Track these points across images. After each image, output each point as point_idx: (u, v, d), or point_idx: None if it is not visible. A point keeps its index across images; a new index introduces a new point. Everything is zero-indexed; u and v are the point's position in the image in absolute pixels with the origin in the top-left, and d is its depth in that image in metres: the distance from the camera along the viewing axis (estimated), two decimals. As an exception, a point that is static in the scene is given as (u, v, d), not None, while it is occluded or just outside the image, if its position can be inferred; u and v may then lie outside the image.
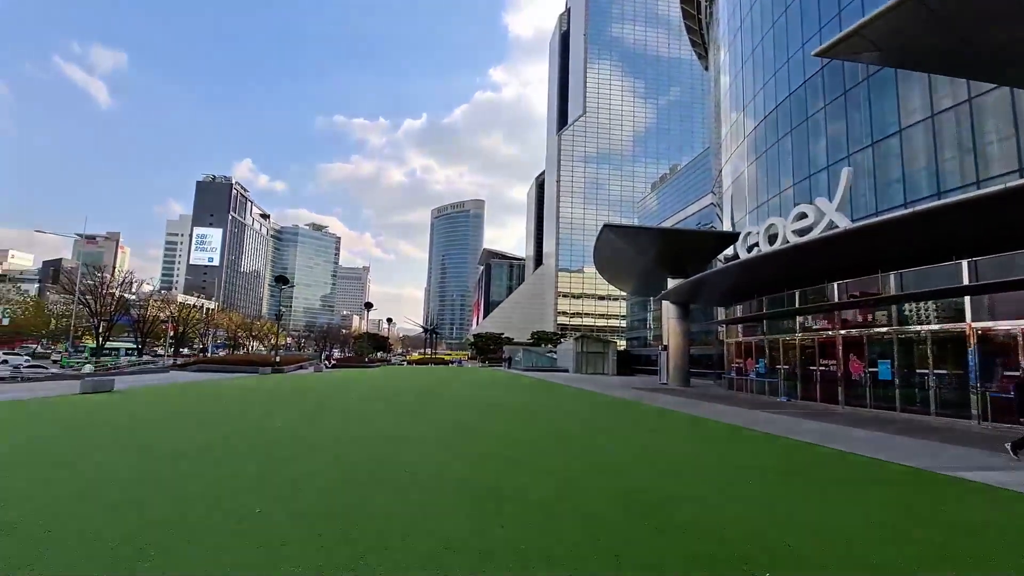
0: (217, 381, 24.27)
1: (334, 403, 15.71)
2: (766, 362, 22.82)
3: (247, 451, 7.89)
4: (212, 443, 8.59)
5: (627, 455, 8.48)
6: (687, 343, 30.26)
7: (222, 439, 8.98)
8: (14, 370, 28.25)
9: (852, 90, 20.83)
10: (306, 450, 8.12)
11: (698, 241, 28.98)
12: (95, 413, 11.86)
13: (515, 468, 7.12)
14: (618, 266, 34.89)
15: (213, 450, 7.95)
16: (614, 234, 26.23)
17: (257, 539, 4.11)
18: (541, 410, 15.93)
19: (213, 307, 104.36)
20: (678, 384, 29.54)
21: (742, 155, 29.22)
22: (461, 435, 10.07)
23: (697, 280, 24.19)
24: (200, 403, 14.60)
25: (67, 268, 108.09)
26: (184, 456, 7.35)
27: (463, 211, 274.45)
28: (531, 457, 8.02)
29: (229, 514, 4.72)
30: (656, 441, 10.31)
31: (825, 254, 17.53)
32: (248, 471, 6.46)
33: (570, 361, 52.99)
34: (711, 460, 8.31)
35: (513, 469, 7.04)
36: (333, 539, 4.14)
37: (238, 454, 7.66)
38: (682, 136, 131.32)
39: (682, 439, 10.72)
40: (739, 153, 29.81)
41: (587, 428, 12.02)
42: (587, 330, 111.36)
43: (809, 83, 23.28)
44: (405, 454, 7.95)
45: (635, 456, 8.43)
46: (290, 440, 9.01)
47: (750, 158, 27.88)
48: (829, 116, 22.11)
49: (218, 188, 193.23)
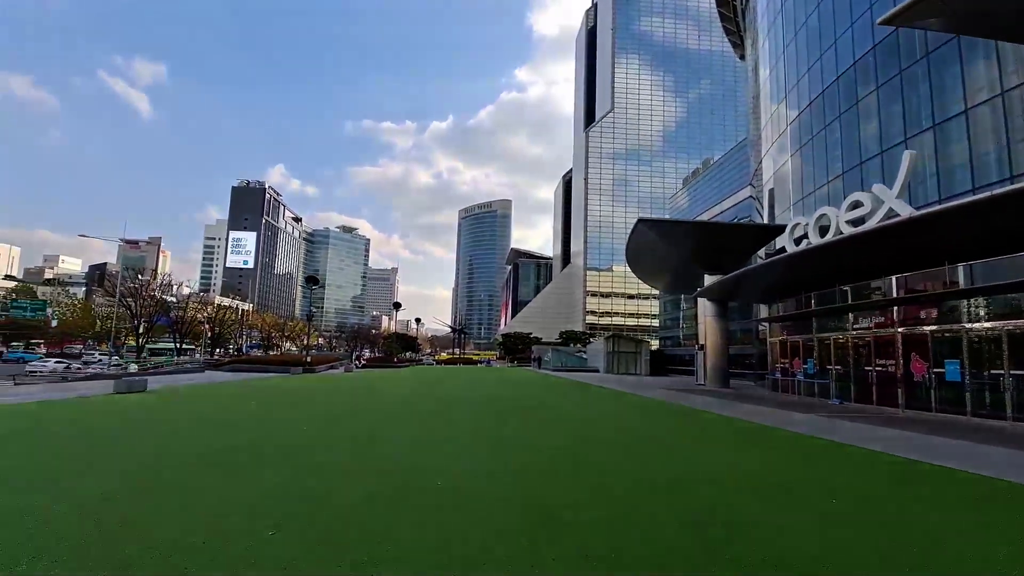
0: (249, 381, 24.34)
1: (362, 405, 15.31)
2: (815, 362, 21.44)
3: (268, 458, 7.41)
4: (235, 447, 8.17)
5: (685, 468, 7.62)
6: (726, 342, 28.92)
7: (245, 444, 8.56)
8: (65, 370, 29.25)
9: (909, 69, 19.30)
10: (329, 457, 7.60)
11: (738, 235, 27.60)
12: (121, 414, 11.69)
13: (562, 482, 6.39)
14: (651, 263, 33.73)
15: (234, 455, 7.50)
16: (649, 228, 25.19)
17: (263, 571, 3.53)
18: (580, 414, 15.16)
19: (247, 308, 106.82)
20: (716, 385, 28.24)
21: (784, 145, 27.74)
22: (497, 442, 9.40)
23: (738, 276, 22.94)
24: (228, 404, 14.40)
25: (111, 272, 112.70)
26: (199, 463, 6.90)
27: (490, 211, 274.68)
28: (578, 470, 7.24)
29: (236, 538, 4.16)
30: (715, 452, 9.36)
31: (884, 245, 16.20)
32: (266, 482, 5.94)
33: (600, 361, 51.88)
34: (787, 475, 7.33)
35: (560, 484, 6.31)
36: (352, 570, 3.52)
37: (258, 462, 7.18)
38: (713, 131, 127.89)
39: (742, 448, 9.78)
40: (781, 143, 28.32)
41: (633, 436, 11.16)
42: (617, 329, 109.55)
43: (859, 64, 21.78)
44: (436, 463, 7.32)
45: (694, 470, 7.55)
46: (314, 445, 8.53)
47: (793, 147, 26.41)
48: (882, 99, 20.60)
49: (252, 193, 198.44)
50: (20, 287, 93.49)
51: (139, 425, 10.39)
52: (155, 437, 9.08)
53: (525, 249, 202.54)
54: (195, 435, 9.45)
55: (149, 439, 8.85)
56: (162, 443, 8.47)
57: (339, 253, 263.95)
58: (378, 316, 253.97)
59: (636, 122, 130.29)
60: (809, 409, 17.08)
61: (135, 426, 10.25)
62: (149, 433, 9.52)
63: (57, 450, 7.77)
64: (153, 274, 63.01)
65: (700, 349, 31.60)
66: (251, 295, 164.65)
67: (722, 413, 15.53)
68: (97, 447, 8.11)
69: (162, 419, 11.37)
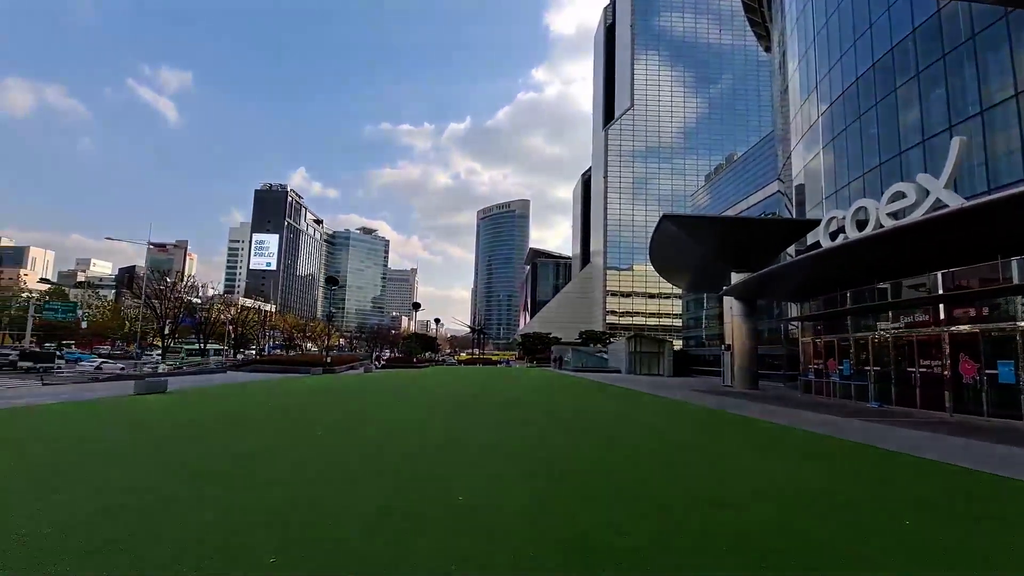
0: (268, 382, 24.27)
1: (381, 407, 14.93)
2: (852, 363, 20.39)
3: (276, 467, 7.00)
4: (247, 454, 7.80)
5: (734, 482, 6.94)
6: (754, 342, 27.90)
7: (256, 450, 8.18)
8: (95, 369, 29.73)
9: (954, 52, 18.18)
10: (342, 465, 7.16)
11: (768, 230, 26.52)
12: (133, 416, 11.49)
13: (598, 500, 5.80)
14: (675, 260, 32.81)
15: (242, 465, 7.11)
16: (674, 225, 24.36)
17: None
18: (609, 419, 14.54)
19: (270, 309, 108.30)
20: (745, 387, 27.25)
21: (815, 137, 26.62)
22: (524, 451, 8.83)
23: (769, 273, 22.00)
24: (245, 407, 14.16)
25: (140, 275, 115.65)
26: (204, 475, 6.50)
27: (508, 211, 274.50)
28: (615, 485, 6.56)
29: (230, 565, 3.70)
30: (763, 462, 8.62)
31: (931, 239, 15.20)
32: (270, 500, 5.49)
33: (622, 361, 50.96)
34: (855, 492, 6.60)
35: (596, 501, 5.72)
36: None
37: (266, 471, 6.78)
38: (736, 127, 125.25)
39: (789, 457, 9.05)
40: (812, 135, 27.19)
41: (670, 444, 10.44)
42: (637, 329, 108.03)
43: (898, 49, 20.66)
44: (458, 474, 6.82)
45: (743, 483, 6.87)
46: (327, 452, 8.11)
47: (825, 139, 25.29)
48: (923, 85, 19.47)
49: (275, 196, 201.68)
50: (53, 289, 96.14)
51: (147, 429, 10.13)
52: (158, 443, 8.78)
53: (544, 249, 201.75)
54: (201, 440, 9.13)
55: (149, 446, 8.55)
56: (163, 451, 8.15)
57: (359, 254, 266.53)
58: (398, 316, 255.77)
59: (656, 119, 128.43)
60: (850, 414, 16.15)
61: (140, 431, 9.99)
62: (150, 440, 9.23)
63: (44, 460, 7.49)
64: (178, 276, 64.04)
65: (727, 349, 30.59)
66: (274, 296, 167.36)
67: (763, 418, 14.72)
68: (89, 456, 7.82)
69: (171, 423, 11.12)
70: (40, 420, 10.90)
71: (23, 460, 7.13)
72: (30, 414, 11.66)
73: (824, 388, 22.08)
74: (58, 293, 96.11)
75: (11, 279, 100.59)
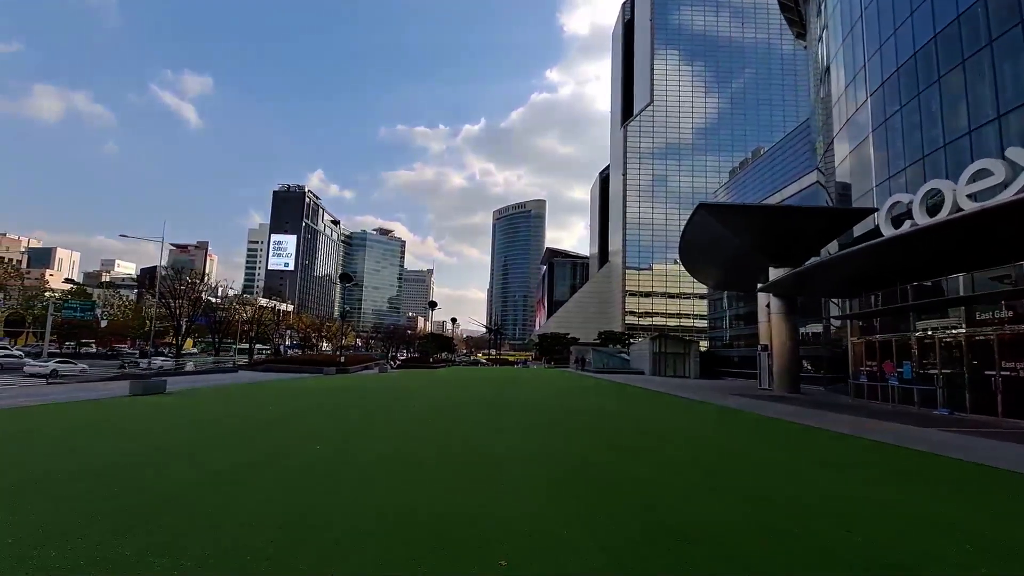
0: (277, 382, 23.08)
1: (394, 413, 13.50)
2: (913, 366, 18.36)
3: (264, 489, 5.53)
4: (223, 471, 6.35)
5: (812, 504, 5.30)
6: (795, 342, 25.86)
7: (242, 466, 6.73)
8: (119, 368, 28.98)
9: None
10: (341, 492, 5.65)
11: (814, 220, 24.27)
12: (115, 420, 10.18)
13: (663, 542, 4.21)
14: (706, 255, 30.87)
15: (220, 485, 5.65)
16: (710, 214, 22.48)
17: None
18: (650, 428, 12.89)
19: (284, 308, 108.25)
20: (785, 390, 25.25)
21: (863, 119, 24.51)
22: (564, 473, 7.25)
23: (819, 265, 20.03)
24: (244, 411, 12.81)
25: (160, 274, 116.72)
26: (175, 499, 5.05)
27: (524, 211, 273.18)
28: (676, 517, 5.04)
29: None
30: (847, 485, 6.96)
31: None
32: (254, 529, 3.99)
33: (645, 362, 49.01)
34: (946, 516, 4.97)
35: (662, 546, 4.13)
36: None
37: (253, 490, 5.29)
38: (759, 123, 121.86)
39: (861, 472, 7.34)
40: (860, 118, 25.09)
41: (734, 459, 8.82)
42: (657, 330, 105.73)
43: (965, 17, 18.59)
44: (482, 508, 5.25)
45: (820, 506, 5.23)
46: (326, 473, 6.62)
47: (877, 121, 23.19)
48: (998, 54, 17.40)
49: (293, 197, 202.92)
50: (76, 289, 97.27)
51: (129, 434, 8.77)
52: (138, 451, 7.39)
53: (560, 248, 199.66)
54: (182, 451, 7.72)
55: (130, 453, 7.16)
56: (144, 459, 6.74)
57: (375, 255, 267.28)
58: (414, 317, 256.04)
59: (676, 115, 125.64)
60: (920, 421, 14.21)
61: (123, 436, 8.64)
62: (134, 446, 7.85)
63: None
64: (192, 274, 63.66)
65: (764, 350, 28.58)
66: (292, 296, 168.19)
67: (825, 427, 12.90)
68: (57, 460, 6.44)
69: (155, 429, 9.77)
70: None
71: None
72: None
73: (879, 393, 20.03)
74: (80, 293, 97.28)
75: (36, 279, 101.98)
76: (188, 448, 7.87)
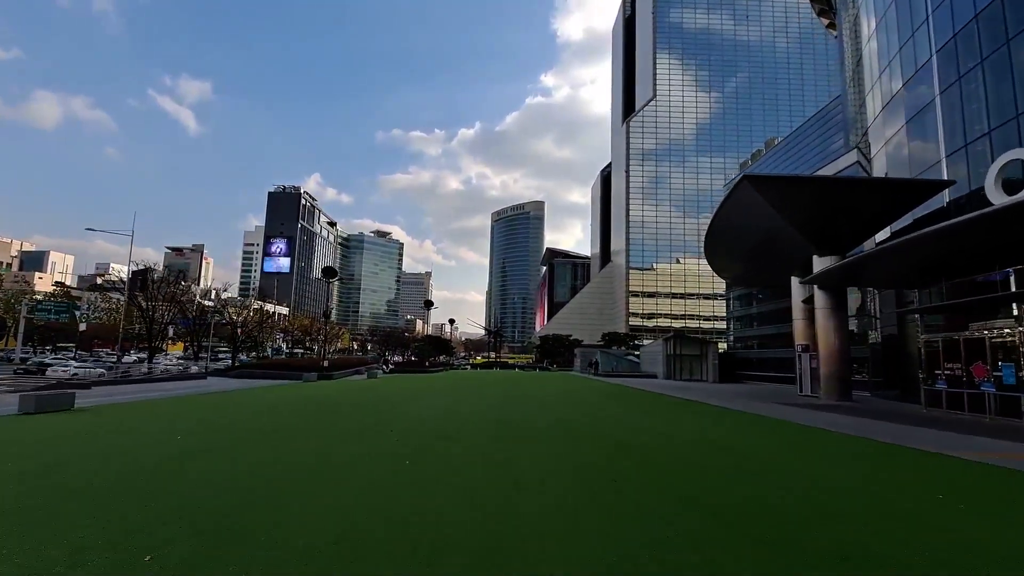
0: (234, 394, 19.54)
1: (370, 437, 9.98)
2: (1018, 371, 14.86)
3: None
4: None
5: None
6: (846, 342, 22.32)
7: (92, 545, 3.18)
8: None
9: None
10: None
11: (880, 194, 20.26)
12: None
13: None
14: (737, 241, 27.35)
15: None
16: (756, 188, 18.86)
17: None
18: (697, 453, 9.37)
19: (271, 310, 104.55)
20: (835, 397, 21.73)
21: (927, 82, 21.08)
22: (623, 532, 3.74)
23: (892, 248, 16.51)
24: (132, 445, 9.10)
25: (155, 277, 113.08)
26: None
27: (523, 213, 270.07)
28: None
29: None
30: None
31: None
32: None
33: (658, 365, 45.48)
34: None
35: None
36: None
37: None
38: (766, 116, 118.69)
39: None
40: (917, 84, 21.68)
41: (805, 488, 5.36)
42: (662, 331, 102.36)
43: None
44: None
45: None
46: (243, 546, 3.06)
47: (946, 80, 19.73)
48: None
49: (288, 198, 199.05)
50: (59, 291, 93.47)
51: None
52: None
53: (561, 249, 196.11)
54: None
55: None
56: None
57: (374, 257, 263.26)
58: (412, 320, 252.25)
59: (680, 109, 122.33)
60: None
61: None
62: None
63: None
64: (171, 276, 59.96)
65: (804, 351, 25.09)
66: (285, 298, 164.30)
67: (950, 455, 9.35)
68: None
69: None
70: None
71: None
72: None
73: (965, 401, 16.50)
74: (65, 295, 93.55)
75: (15, 281, 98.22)
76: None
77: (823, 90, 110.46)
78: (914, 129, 22.18)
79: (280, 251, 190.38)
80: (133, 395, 17.55)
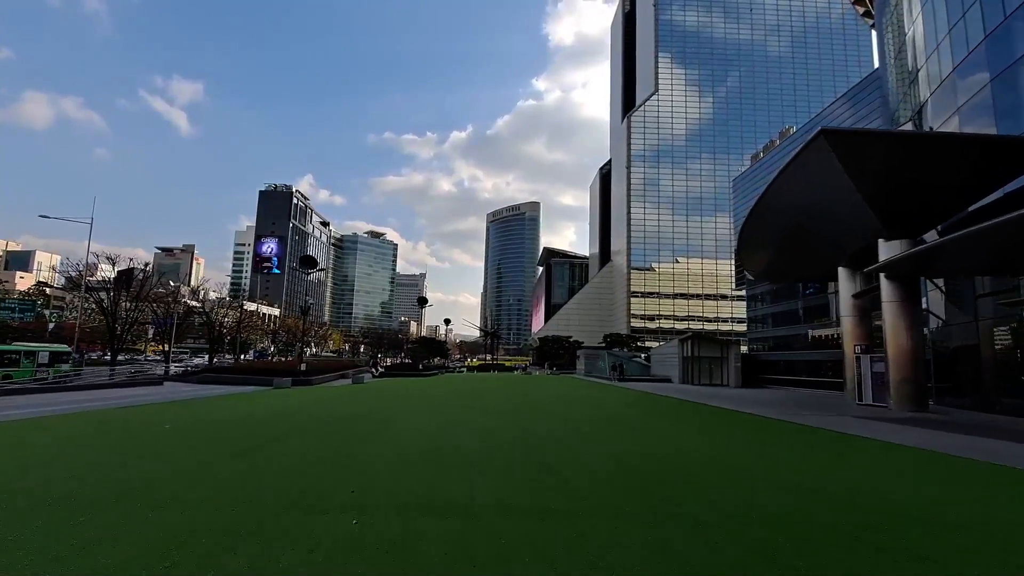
0: (174, 406, 15.63)
1: (306, 503, 6.15)
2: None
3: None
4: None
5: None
6: (919, 342, 18.67)
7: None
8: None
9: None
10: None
11: (996, 156, 16.29)
12: None
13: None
14: (776, 226, 23.78)
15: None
16: (834, 145, 14.98)
17: None
18: (871, 512, 5.57)
19: (253, 309, 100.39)
20: (909, 407, 18.08)
21: (1004, 43, 17.52)
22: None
23: (1009, 221, 12.79)
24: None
25: (136, 276, 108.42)
26: None
27: (518, 214, 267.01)
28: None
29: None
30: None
31: None
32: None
33: (673, 368, 41.82)
34: None
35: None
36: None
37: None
38: (770, 110, 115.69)
39: None
40: (997, 40, 18.12)
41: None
42: (665, 333, 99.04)
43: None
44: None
45: None
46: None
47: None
48: None
49: (280, 196, 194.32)
50: (33, 290, 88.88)
51: None
52: None
53: (559, 248, 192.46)
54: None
55: None
56: None
57: (367, 258, 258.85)
58: (406, 321, 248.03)
59: (683, 103, 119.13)
60: None
61: None
62: None
63: None
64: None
65: (864, 352, 21.43)
66: (279, 299, 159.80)
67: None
68: None
69: None
70: None
71: None
72: None
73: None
74: (39, 294, 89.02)
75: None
76: None
77: (841, 79, 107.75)
78: (988, 95, 18.56)
79: (271, 251, 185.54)
80: (49, 408, 13.67)
